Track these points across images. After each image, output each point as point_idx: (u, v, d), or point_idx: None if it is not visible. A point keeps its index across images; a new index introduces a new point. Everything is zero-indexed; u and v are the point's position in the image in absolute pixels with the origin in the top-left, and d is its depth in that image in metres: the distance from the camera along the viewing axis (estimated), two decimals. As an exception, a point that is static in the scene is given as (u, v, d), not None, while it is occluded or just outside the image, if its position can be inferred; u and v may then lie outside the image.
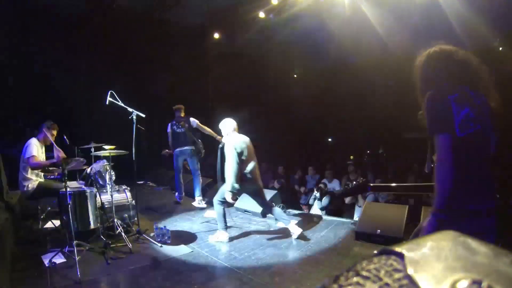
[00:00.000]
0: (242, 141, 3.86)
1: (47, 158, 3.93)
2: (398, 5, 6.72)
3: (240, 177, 3.72)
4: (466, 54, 1.65)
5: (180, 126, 5.51)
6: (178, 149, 5.54)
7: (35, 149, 3.67)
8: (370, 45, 8.98)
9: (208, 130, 5.50)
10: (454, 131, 1.46)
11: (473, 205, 1.49)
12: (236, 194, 3.83)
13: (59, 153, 3.69)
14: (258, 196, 4.03)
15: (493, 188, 1.58)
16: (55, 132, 3.84)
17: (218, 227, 3.90)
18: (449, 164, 1.45)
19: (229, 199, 3.70)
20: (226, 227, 3.91)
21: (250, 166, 3.84)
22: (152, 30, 8.27)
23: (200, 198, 5.58)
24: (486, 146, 1.57)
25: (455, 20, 6.97)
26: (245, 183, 3.78)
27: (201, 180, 5.71)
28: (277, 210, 4.01)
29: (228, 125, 3.96)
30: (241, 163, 3.74)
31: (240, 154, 3.73)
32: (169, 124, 5.66)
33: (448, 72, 1.59)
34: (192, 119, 5.55)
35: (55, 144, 3.77)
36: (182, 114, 5.64)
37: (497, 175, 1.80)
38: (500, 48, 8.46)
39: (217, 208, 3.85)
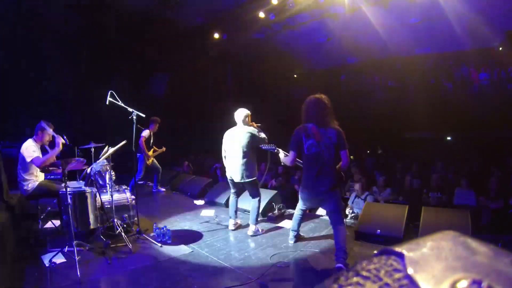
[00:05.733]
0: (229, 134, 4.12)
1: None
2: (398, 5, 6.70)
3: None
4: (319, 102, 3.05)
5: None
6: None
7: (35, 149, 3.67)
8: (370, 45, 8.98)
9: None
10: (303, 150, 3.03)
11: (309, 189, 3.13)
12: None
13: (59, 139, 3.71)
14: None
15: (326, 180, 2.99)
16: (51, 132, 3.83)
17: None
18: (290, 162, 3.21)
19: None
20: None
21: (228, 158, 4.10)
22: (153, 30, 8.26)
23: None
24: (323, 159, 2.97)
25: (455, 20, 6.97)
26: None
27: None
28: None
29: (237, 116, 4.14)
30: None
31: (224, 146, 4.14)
32: None
33: (308, 114, 3.07)
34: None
35: (54, 133, 3.78)
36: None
37: (338, 172, 3.09)
38: (500, 48, 8.46)
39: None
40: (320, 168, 2.97)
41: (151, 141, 6.41)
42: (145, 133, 6.22)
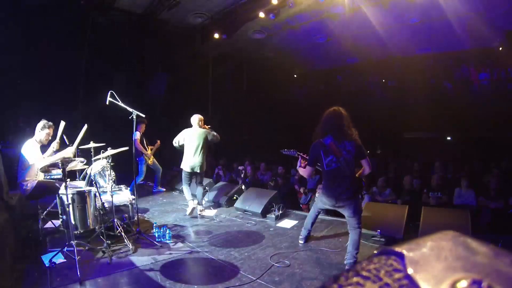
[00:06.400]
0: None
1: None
2: (398, 5, 6.70)
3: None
4: (336, 115, 3.03)
5: None
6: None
7: (36, 151, 3.67)
8: (370, 45, 8.97)
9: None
10: (323, 166, 3.05)
11: (331, 198, 3.14)
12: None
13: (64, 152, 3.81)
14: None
15: (348, 190, 3.03)
16: (51, 131, 3.82)
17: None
18: (307, 176, 3.46)
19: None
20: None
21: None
22: (153, 30, 8.25)
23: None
24: (344, 173, 2.98)
25: (455, 20, 6.96)
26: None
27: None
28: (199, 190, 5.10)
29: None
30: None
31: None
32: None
33: (325, 128, 3.04)
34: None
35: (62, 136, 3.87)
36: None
37: (361, 181, 3.19)
38: (500, 48, 8.45)
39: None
40: (341, 181, 3.02)
41: (144, 141, 6.42)
42: (137, 135, 6.18)
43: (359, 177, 3.16)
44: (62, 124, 3.95)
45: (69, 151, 3.85)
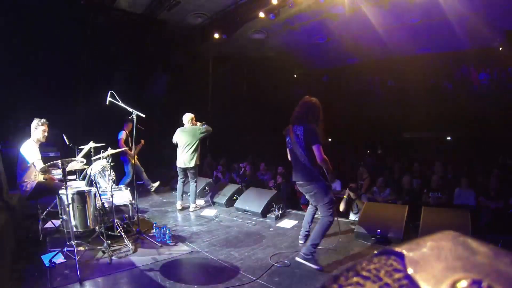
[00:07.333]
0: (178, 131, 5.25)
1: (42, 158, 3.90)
2: (398, 5, 6.69)
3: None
4: (300, 104, 3.24)
5: None
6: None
7: (35, 151, 3.66)
8: (370, 45, 8.97)
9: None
10: (288, 146, 3.34)
11: (296, 181, 3.34)
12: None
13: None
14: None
15: (302, 173, 3.18)
16: (46, 127, 3.80)
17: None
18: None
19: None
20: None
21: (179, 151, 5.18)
22: (153, 30, 8.25)
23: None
24: (296, 154, 3.19)
25: (455, 20, 6.95)
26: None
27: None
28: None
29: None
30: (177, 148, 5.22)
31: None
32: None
33: (294, 115, 3.25)
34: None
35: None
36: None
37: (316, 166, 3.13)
38: (500, 48, 8.44)
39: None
40: (295, 163, 3.25)
41: (129, 141, 6.19)
42: (122, 135, 6.13)
43: (319, 164, 3.12)
44: (90, 145, 4.02)
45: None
